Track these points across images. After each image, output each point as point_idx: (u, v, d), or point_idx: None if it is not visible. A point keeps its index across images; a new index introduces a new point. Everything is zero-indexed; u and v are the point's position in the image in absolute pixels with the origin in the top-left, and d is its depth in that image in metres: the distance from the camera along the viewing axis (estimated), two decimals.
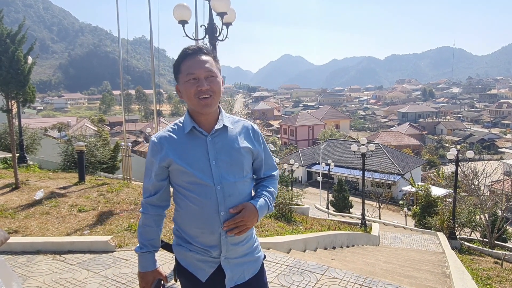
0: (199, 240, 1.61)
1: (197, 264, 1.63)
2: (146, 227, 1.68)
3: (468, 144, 53.37)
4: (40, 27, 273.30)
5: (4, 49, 6.12)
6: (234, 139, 1.64)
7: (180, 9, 4.95)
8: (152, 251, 1.68)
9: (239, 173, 1.62)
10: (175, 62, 1.62)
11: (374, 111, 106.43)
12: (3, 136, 11.85)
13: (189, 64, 1.57)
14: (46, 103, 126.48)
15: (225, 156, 1.60)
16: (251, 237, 1.72)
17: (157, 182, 1.64)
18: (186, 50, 1.61)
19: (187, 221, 1.63)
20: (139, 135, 53.23)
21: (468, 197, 16.87)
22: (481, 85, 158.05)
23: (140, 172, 14.47)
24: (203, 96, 1.56)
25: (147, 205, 1.68)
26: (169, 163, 1.58)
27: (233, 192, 1.59)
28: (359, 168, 18.84)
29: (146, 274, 1.66)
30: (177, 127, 1.64)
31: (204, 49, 1.61)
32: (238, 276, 1.65)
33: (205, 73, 1.56)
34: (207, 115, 1.61)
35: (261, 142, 1.75)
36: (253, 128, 1.73)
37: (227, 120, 1.66)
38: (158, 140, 1.61)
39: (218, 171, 1.57)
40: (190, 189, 1.58)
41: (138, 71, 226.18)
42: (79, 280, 3.40)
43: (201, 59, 1.57)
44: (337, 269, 3.89)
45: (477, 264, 9.27)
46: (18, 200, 6.07)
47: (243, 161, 1.63)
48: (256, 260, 1.73)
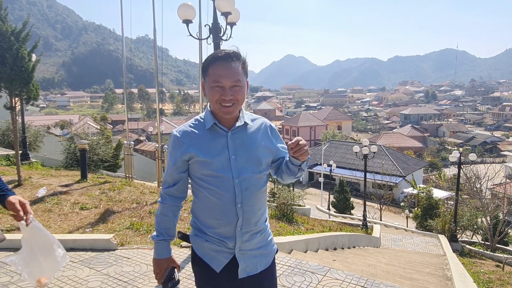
0: (216, 231, 1.69)
1: (213, 254, 1.70)
2: (164, 217, 1.74)
3: (470, 147, 53.22)
4: (44, 25, 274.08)
5: (9, 46, 6.14)
6: (253, 135, 1.71)
7: (184, 8, 4.96)
8: (167, 239, 1.75)
9: (256, 168, 1.68)
10: (204, 62, 1.66)
11: (376, 113, 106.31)
12: (6, 133, 11.89)
13: (217, 70, 1.60)
14: (49, 100, 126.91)
15: (244, 151, 1.67)
16: (266, 230, 1.80)
17: (176, 174, 1.71)
18: (217, 54, 1.64)
19: (205, 212, 1.70)
20: (141, 134, 53.33)
21: (470, 200, 16.82)
22: (484, 87, 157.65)
23: (142, 171, 14.49)
24: (226, 104, 1.61)
25: (165, 195, 1.75)
26: (191, 156, 1.65)
27: (250, 185, 1.67)
28: (361, 170, 18.84)
29: (160, 260, 1.73)
30: (198, 122, 1.71)
31: (235, 55, 1.63)
32: (251, 268, 1.73)
33: (231, 83, 1.60)
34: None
35: (278, 136, 1.83)
36: (270, 125, 1.81)
37: (247, 118, 1.73)
38: (180, 135, 1.68)
39: (236, 165, 1.65)
40: (209, 182, 1.65)
41: (141, 69, 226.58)
42: (81, 278, 3.41)
43: (229, 66, 1.60)
44: (338, 270, 3.89)
45: (478, 267, 9.25)
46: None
47: (260, 157, 1.70)
48: (269, 253, 1.81)
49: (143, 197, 6.66)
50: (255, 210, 1.70)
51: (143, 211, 5.68)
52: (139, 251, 4.11)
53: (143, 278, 3.42)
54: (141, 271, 3.58)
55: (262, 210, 1.75)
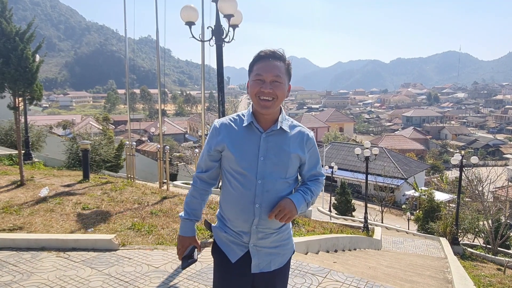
0: (233, 224, 1.77)
1: (230, 245, 1.79)
2: (193, 198, 1.85)
3: (473, 150, 53.11)
4: (47, 25, 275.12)
5: (13, 47, 6.18)
6: (286, 142, 1.74)
7: (187, 10, 4.99)
8: (193, 219, 1.86)
9: (282, 174, 1.73)
10: (251, 61, 1.73)
11: (378, 115, 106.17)
12: (9, 133, 11.95)
13: (260, 66, 1.67)
14: (52, 100, 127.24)
15: (274, 155, 1.71)
16: (283, 231, 1.83)
17: (209, 162, 1.81)
18: (261, 52, 1.70)
19: (227, 205, 1.79)
20: (143, 134, 53.41)
21: (472, 202, 16.79)
22: (487, 90, 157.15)
23: (144, 172, 14.53)
24: (264, 98, 1.66)
25: (197, 179, 1.85)
26: (223, 148, 1.73)
27: (272, 189, 1.70)
28: (362, 172, 18.83)
29: (184, 238, 1.85)
30: (239, 118, 1.78)
31: (279, 55, 1.69)
32: (265, 265, 1.78)
33: (272, 77, 1.66)
34: (266, 115, 1.71)
35: (313, 150, 1.83)
36: (308, 136, 1.82)
37: (285, 123, 1.76)
38: (219, 126, 1.77)
39: (263, 167, 1.70)
40: (235, 177, 1.72)
41: (143, 70, 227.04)
42: (82, 278, 3.43)
43: (272, 63, 1.66)
44: (339, 272, 3.90)
45: (479, 271, 9.23)
46: (23, 197, 6.12)
47: (288, 164, 1.73)
48: (285, 253, 1.85)
49: (145, 197, 6.68)
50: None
51: (144, 212, 5.70)
52: (141, 251, 4.13)
53: (144, 279, 3.44)
54: (142, 271, 3.60)
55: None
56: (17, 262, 3.73)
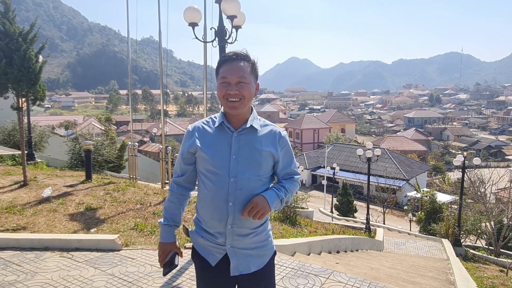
0: (209, 225, 1.76)
1: (208, 249, 1.79)
2: (171, 203, 1.86)
3: (475, 151, 52.97)
4: (50, 26, 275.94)
5: (16, 47, 6.20)
6: (258, 140, 1.75)
7: (190, 11, 5.00)
8: (172, 225, 1.86)
9: (255, 171, 1.73)
10: (217, 65, 1.77)
11: (380, 116, 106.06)
12: (12, 133, 11.97)
13: (225, 68, 1.71)
14: (54, 101, 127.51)
15: (246, 153, 1.72)
16: (260, 232, 1.81)
17: (184, 165, 1.83)
18: (225, 55, 1.75)
19: (202, 205, 1.79)
20: (145, 135, 53.49)
21: (474, 204, 16.74)
22: (489, 91, 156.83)
23: (146, 172, 14.53)
24: (231, 99, 1.69)
25: (174, 184, 1.87)
26: (196, 149, 1.75)
27: (245, 186, 1.71)
28: (364, 173, 18.79)
29: (164, 244, 1.84)
30: (211, 120, 1.81)
31: (243, 56, 1.73)
32: (244, 267, 1.77)
33: (236, 79, 1.69)
34: (236, 115, 1.74)
35: (286, 148, 1.84)
36: (280, 134, 1.83)
37: (256, 122, 1.78)
38: (192, 129, 1.81)
39: (235, 165, 1.70)
40: (208, 177, 1.74)
41: (145, 71, 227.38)
42: (86, 278, 3.44)
43: (236, 65, 1.70)
44: (341, 273, 3.90)
45: (482, 272, 9.21)
46: (26, 197, 6.14)
47: (261, 162, 1.74)
48: (264, 255, 1.83)
49: (147, 198, 6.70)
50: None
51: (147, 212, 5.71)
52: (144, 251, 4.14)
53: (147, 279, 3.45)
54: (145, 271, 3.61)
55: None
56: (21, 262, 3.75)
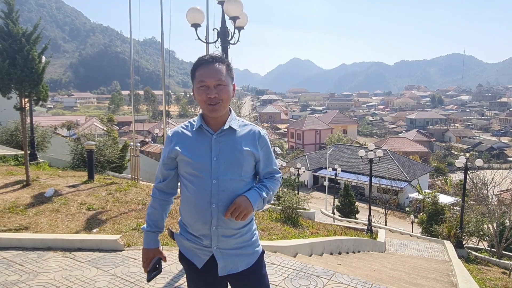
0: (193, 228, 1.77)
1: (194, 251, 1.79)
2: (153, 209, 1.86)
3: (477, 152, 52.78)
4: (53, 26, 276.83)
5: (20, 48, 6.23)
6: (238, 141, 1.76)
7: (193, 12, 5.01)
8: (155, 231, 1.87)
9: (236, 172, 1.73)
10: (192, 68, 1.76)
11: (382, 117, 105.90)
12: (15, 134, 12.01)
13: (202, 72, 1.70)
14: (56, 101, 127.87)
15: (227, 154, 1.73)
16: (246, 232, 1.81)
17: (165, 171, 1.83)
18: (201, 58, 1.74)
19: (186, 209, 1.78)
20: (147, 135, 53.58)
21: (476, 206, 16.69)
22: (491, 93, 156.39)
23: (148, 173, 14.57)
24: (211, 103, 1.70)
25: (156, 190, 1.87)
26: (176, 154, 1.75)
27: (228, 188, 1.71)
28: (366, 174, 18.77)
29: (148, 250, 1.85)
30: (190, 124, 1.82)
31: (218, 58, 1.73)
32: (231, 267, 1.78)
33: (215, 82, 1.69)
34: (216, 118, 1.75)
35: (266, 148, 1.85)
36: (260, 134, 1.83)
37: (234, 123, 1.79)
38: (171, 134, 1.82)
39: (217, 167, 1.71)
40: (190, 180, 1.74)
41: (147, 71, 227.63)
42: (88, 278, 3.44)
43: (213, 68, 1.70)
44: (343, 275, 3.89)
45: (484, 274, 9.18)
46: (29, 197, 6.16)
47: (242, 162, 1.74)
48: (251, 254, 1.83)
49: (149, 198, 6.65)
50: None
51: None
52: None
53: None
54: None
55: None
56: (23, 261, 3.76)
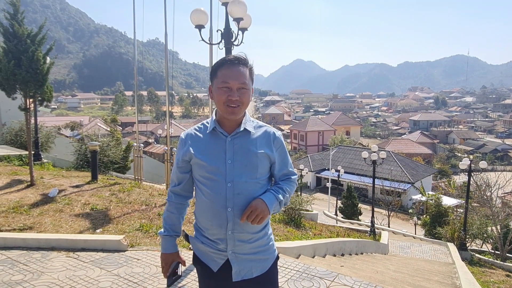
0: (209, 232, 1.74)
1: (210, 255, 1.77)
2: (170, 213, 1.84)
3: (481, 154, 52.56)
4: (57, 27, 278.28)
5: (25, 49, 6.27)
6: (253, 143, 1.73)
7: (197, 13, 5.02)
8: (173, 235, 1.85)
9: (252, 175, 1.70)
10: (214, 65, 1.73)
11: (385, 118, 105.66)
12: (19, 134, 12.07)
13: (226, 72, 1.68)
14: (60, 102, 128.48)
15: (241, 157, 1.70)
16: (262, 237, 1.78)
17: (180, 174, 1.81)
18: (226, 58, 1.71)
19: (201, 213, 1.76)
20: (150, 136, 53.69)
21: (480, 208, 16.61)
22: (496, 94, 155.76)
23: (151, 173, 14.56)
24: (231, 105, 1.67)
25: (171, 193, 1.85)
26: (190, 157, 1.73)
27: (243, 191, 1.68)
28: (369, 175, 18.73)
29: (166, 255, 1.83)
30: (203, 126, 1.79)
31: (243, 60, 1.71)
32: (246, 272, 1.75)
33: (238, 85, 1.67)
34: (231, 120, 1.73)
35: (281, 149, 1.82)
36: (275, 135, 1.80)
37: (249, 125, 1.75)
38: (185, 137, 1.79)
39: (232, 170, 1.68)
40: (205, 184, 1.72)
41: (151, 72, 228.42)
42: (92, 278, 3.45)
43: (238, 70, 1.68)
44: (346, 276, 3.88)
45: (488, 277, 9.13)
46: (33, 197, 6.19)
47: (257, 164, 1.71)
48: (266, 259, 1.80)
49: (152, 199, 6.72)
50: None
51: (152, 213, 5.73)
52: (149, 252, 4.15)
53: (152, 280, 3.46)
54: (151, 272, 3.62)
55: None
56: (27, 261, 3.78)
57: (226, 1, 4.85)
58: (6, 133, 12.27)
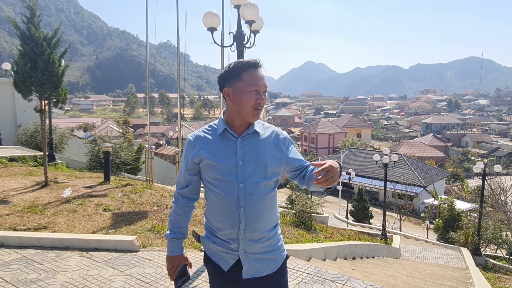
0: (221, 232, 1.76)
1: (220, 254, 1.78)
2: (176, 216, 1.84)
3: (495, 158, 51.61)
4: (71, 30, 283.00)
5: (41, 52, 6.39)
6: (262, 143, 1.76)
7: (209, 16, 5.06)
8: (180, 237, 1.85)
9: (262, 175, 1.72)
10: (235, 68, 1.71)
11: (397, 121, 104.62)
12: (34, 135, 12.29)
13: (253, 76, 1.70)
14: (73, 104, 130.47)
15: (252, 158, 1.72)
16: (272, 237, 1.81)
17: (188, 176, 1.81)
18: (249, 61, 1.73)
19: (213, 214, 1.78)
20: (161, 138, 54.11)
21: (494, 212, 16.32)
22: (510, 97, 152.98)
23: (162, 175, 14.66)
24: (258, 108, 1.71)
25: (178, 196, 1.85)
26: (200, 159, 1.73)
27: (254, 191, 1.70)
28: (380, 178, 18.56)
29: (173, 258, 1.84)
30: (211, 128, 1.80)
31: (262, 64, 1.75)
32: (256, 270, 1.76)
33: (264, 88, 1.73)
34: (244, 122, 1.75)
35: (288, 145, 1.84)
36: (282, 134, 1.84)
37: (258, 126, 1.79)
38: (193, 139, 1.78)
39: (243, 171, 1.70)
40: (216, 185, 1.72)
41: (162, 75, 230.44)
42: (105, 278, 3.49)
43: (262, 73, 1.73)
44: (358, 280, 3.85)
45: (503, 283, 8.96)
46: (47, 197, 6.29)
47: (267, 164, 1.74)
48: (276, 259, 1.82)
49: (164, 200, 6.77)
50: (260, 216, 1.73)
51: (163, 214, 5.77)
52: (161, 253, 4.18)
53: (164, 280, 3.48)
54: (162, 273, 3.64)
55: (269, 215, 1.77)
56: (42, 260, 3.84)
57: (239, 3, 4.88)
58: (21, 134, 12.51)
